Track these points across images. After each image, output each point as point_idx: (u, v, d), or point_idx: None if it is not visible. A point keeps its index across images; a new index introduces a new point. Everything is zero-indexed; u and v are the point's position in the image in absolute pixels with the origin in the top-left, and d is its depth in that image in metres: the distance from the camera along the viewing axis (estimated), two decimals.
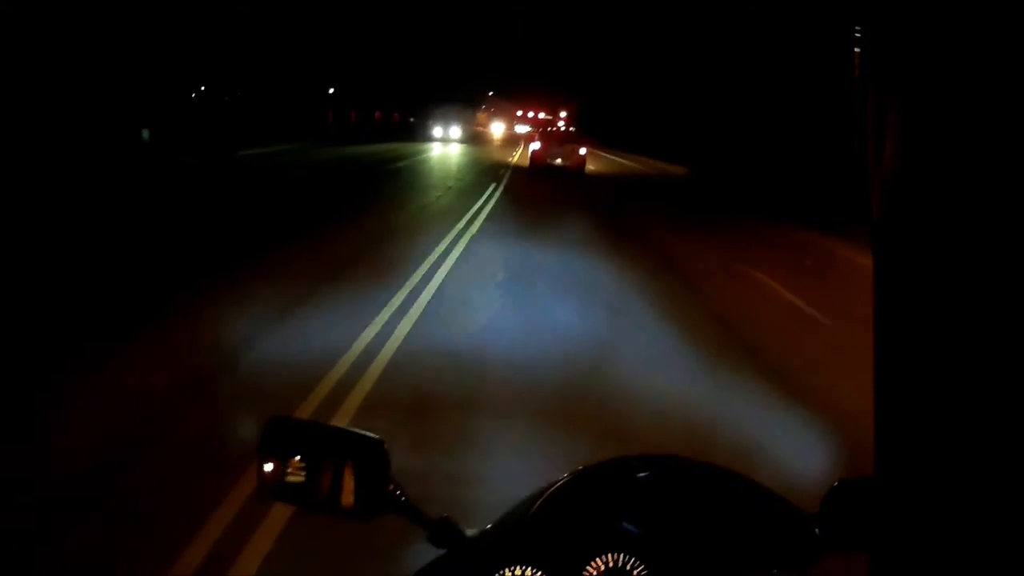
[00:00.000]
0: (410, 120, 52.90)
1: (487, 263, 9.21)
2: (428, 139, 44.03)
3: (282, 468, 1.13)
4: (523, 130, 63.02)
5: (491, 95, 78.10)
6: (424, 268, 8.51)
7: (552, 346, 5.89)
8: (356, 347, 5.55)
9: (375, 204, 14.81)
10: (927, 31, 0.56)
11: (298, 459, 1.12)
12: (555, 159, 23.03)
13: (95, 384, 4.62)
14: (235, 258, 8.67)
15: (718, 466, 1.19)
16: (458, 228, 11.57)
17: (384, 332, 5.98)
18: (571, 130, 30.36)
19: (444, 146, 40.73)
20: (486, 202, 15.45)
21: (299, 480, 1.12)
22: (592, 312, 7.17)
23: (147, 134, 24.25)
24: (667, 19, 43.28)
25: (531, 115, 73.86)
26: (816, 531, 1.08)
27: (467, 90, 65.23)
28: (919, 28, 0.56)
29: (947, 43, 0.54)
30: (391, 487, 1.11)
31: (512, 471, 3.59)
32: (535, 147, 23.93)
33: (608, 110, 58.08)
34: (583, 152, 23.97)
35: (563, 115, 72.71)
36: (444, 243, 10.18)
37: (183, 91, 33.29)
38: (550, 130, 28.89)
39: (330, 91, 52.78)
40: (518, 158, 30.70)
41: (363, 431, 1.12)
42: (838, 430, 4.38)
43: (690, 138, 34.26)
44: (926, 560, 0.58)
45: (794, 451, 4.00)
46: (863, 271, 3.49)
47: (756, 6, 28.36)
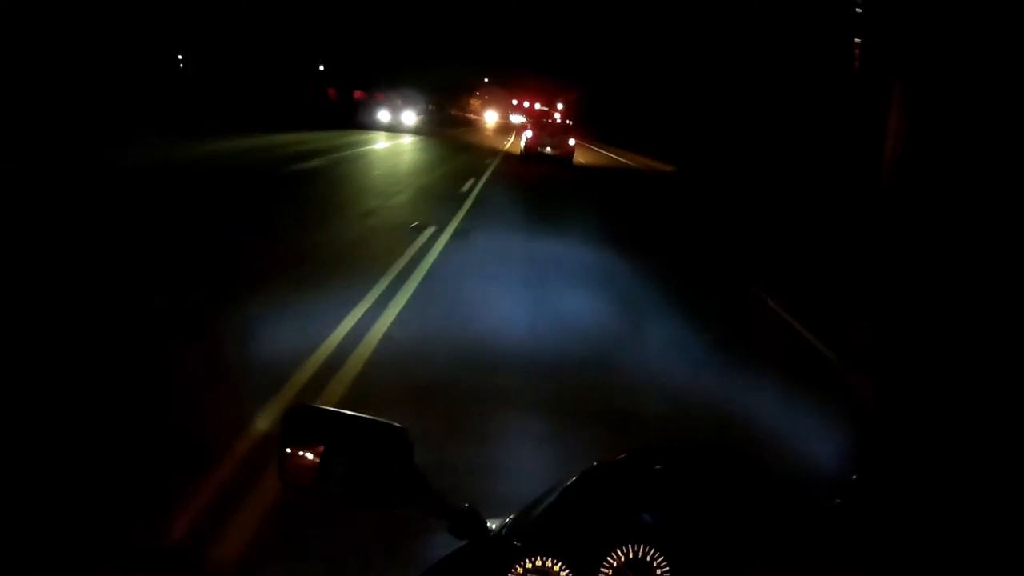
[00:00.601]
0: (370, 99, 45.27)
1: None
2: (378, 127, 33.07)
3: (303, 457, 1.14)
4: (518, 120, 61.28)
5: (486, 82, 75.88)
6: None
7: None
8: None
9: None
10: (928, 25, 0.32)
11: (320, 448, 1.15)
12: (546, 148, 24.69)
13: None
14: None
15: (735, 454, 1.29)
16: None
17: None
18: (562, 123, 31.27)
19: (391, 139, 27.51)
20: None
21: (319, 469, 1.13)
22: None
23: None
24: (670, 18, 42.26)
25: (527, 105, 72.06)
26: (831, 516, 1.18)
27: (457, 72, 63.39)
28: (920, 21, 0.33)
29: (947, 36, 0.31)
30: (413, 476, 1.13)
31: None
32: (528, 136, 25.73)
33: (609, 106, 57.11)
34: (572, 143, 25.94)
35: (560, 107, 71.14)
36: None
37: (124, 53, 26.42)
38: (546, 121, 30.30)
39: (320, 67, 50.93)
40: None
41: (385, 420, 1.14)
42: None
43: (688, 138, 35.10)
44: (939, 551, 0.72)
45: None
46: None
47: (757, 5, 28.52)
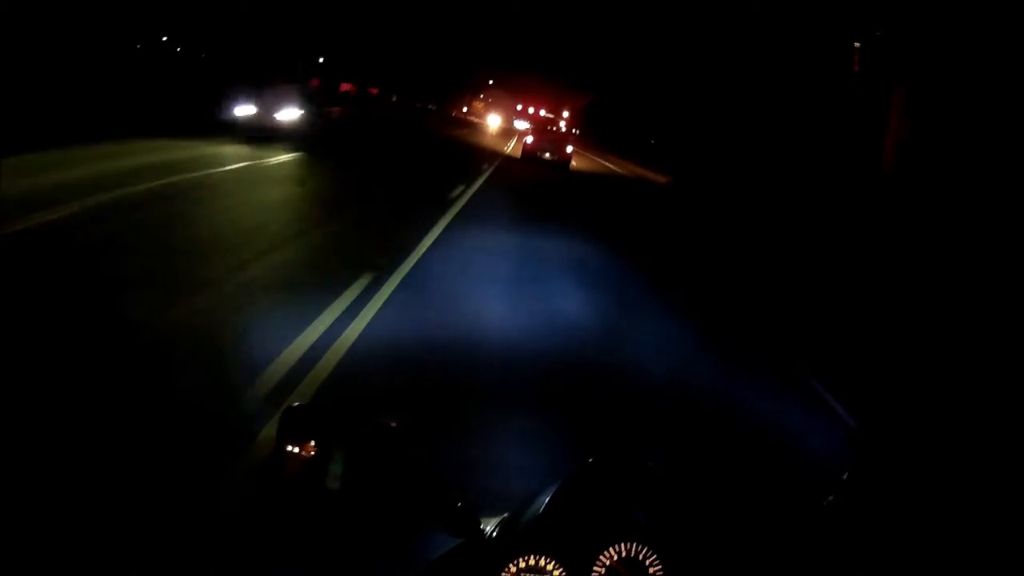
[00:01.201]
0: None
1: None
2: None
3: (299, 455, 1.17)
4: (522, 126, 60.13)
5: (491, 84, 74.60)
6: None
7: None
8: None
9: None
10: (929, 28, 0.33)
11: (312, 444, 1.18)
12: (544, 153, 26.00)
13: None
14: None
15: (728, 452, 1.61)
16: None
17: None
18: (563, 130, 31.41)
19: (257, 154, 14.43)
20: None
21: (314, 466, 1.16)
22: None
23: None
24: (673, 24, 41.56)
25: (531, 111, 70.90)
26: (824, 513, 1.21)
27: (459, 72, 62.47)
28: (921, 25, 0.33)
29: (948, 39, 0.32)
30: (408, 475, 1.17)
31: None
32: (529, 140, 27.18)
33: (614, 114, 56.06)
34: (570, 150, 27.30)
35: (565, 115, 69.98)
36: None
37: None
38: (548, 128, 31.34)
39: (320, 60, 50.07)
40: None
41: (382, 418, 1.20)
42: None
43: (689, 146, 35.04)
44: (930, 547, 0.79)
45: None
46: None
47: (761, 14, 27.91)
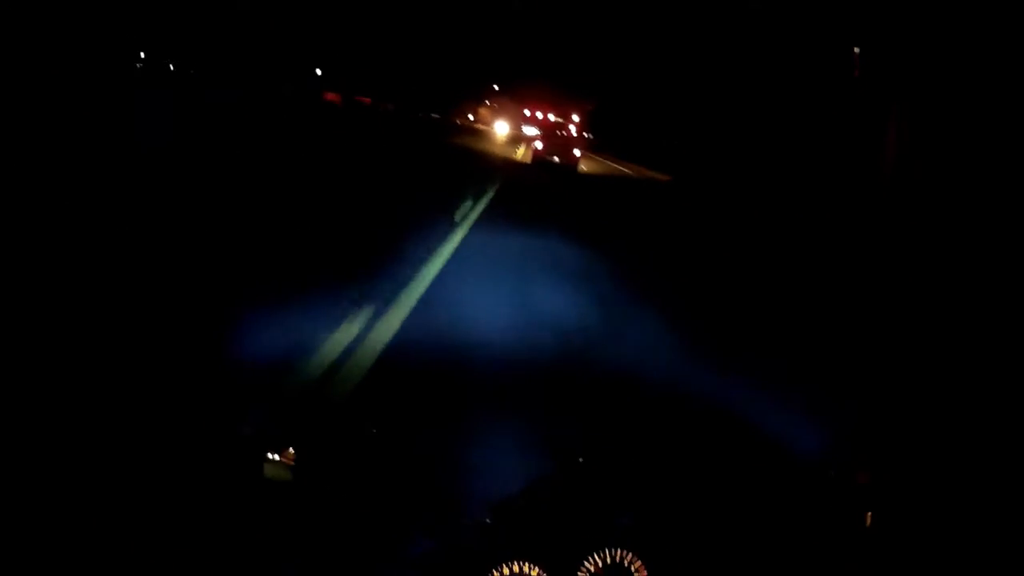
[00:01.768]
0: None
1: None
2: None
3: (278, 462, 1.17)
4: (531, 132, 57.93)
5: (496, 89, 71.65)
6: None
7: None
8: None
9: None
10: (926, 38, 0.52)
11: (292, 451, 1.18)
12: (553, 157, 26.79)
13: None
14: None
15: (714, 453, 1.48)
16: None
17: None
18: (571, 135, 32.89)
19: None
20: None
21: (294, 472, 1.16)
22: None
23: None
24: (677, 28, 41.30)
25: (540, 116, 68.73)
26: (814, 512, 1.18)
27: (464, 78, 60.52)
28: (918, 34, 0.51)
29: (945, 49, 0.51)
30: (389, 478, 1.16)
31: None
32: (538, 146, 28.10)
33: (621, 117, 54.81)
34: (578, 154, 28.41)
35: (575, 119, 67.98)
36: None
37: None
38: (558, 133, 32.30)
39: (317, 72, 48.87)
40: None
41: (362, 423, 1.27)
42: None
43: (693, 149, 36.62)
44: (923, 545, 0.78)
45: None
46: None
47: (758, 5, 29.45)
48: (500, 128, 62.55)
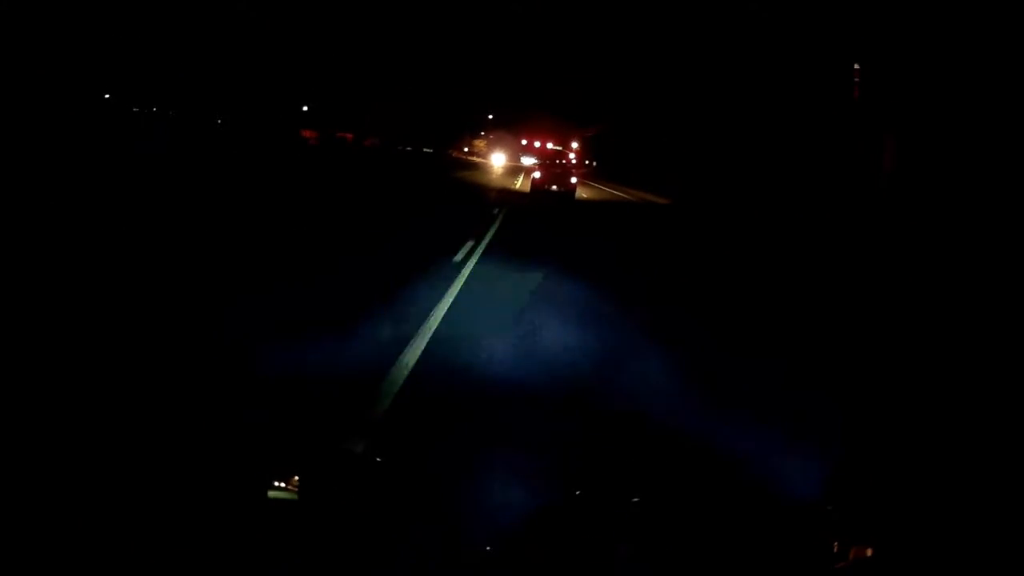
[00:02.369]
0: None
1: None
2: None
3: (284, 490, 1.19)
4: (529, 162, 55.87)
5: (491, 119, 69.06)
6: None
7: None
8: None
9: None
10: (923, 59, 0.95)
11: (296, 479, 1.21)
12: (551, 185, 28.22)
13: None
14: None
15: (715, 486, 1.44)
16: None
17: None
18: (569, 163, 33.74)
19: None
20: None
21: (298, 501, 1.20)
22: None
23: None
24: (675, 48, 41.16)
25: (538, 145, 66.45)
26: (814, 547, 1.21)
27: (458, 110, 58.53)
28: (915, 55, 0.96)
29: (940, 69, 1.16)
30: (391, 509, 1.18)
31: None
32: (536, 176, 29.69)
33: (621, 143, 53.29)
34: (574, 181, 30.02)
35: (575, 147, 65.95)
36: None
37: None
38: (556, 162, 33.27)
39: (304, 108, 46.93)
40: None
41: (367, 453, 1.36)
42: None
43: (692, 172, 37.31)
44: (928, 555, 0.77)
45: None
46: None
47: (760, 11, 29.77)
48: (496, 160, 60.57)
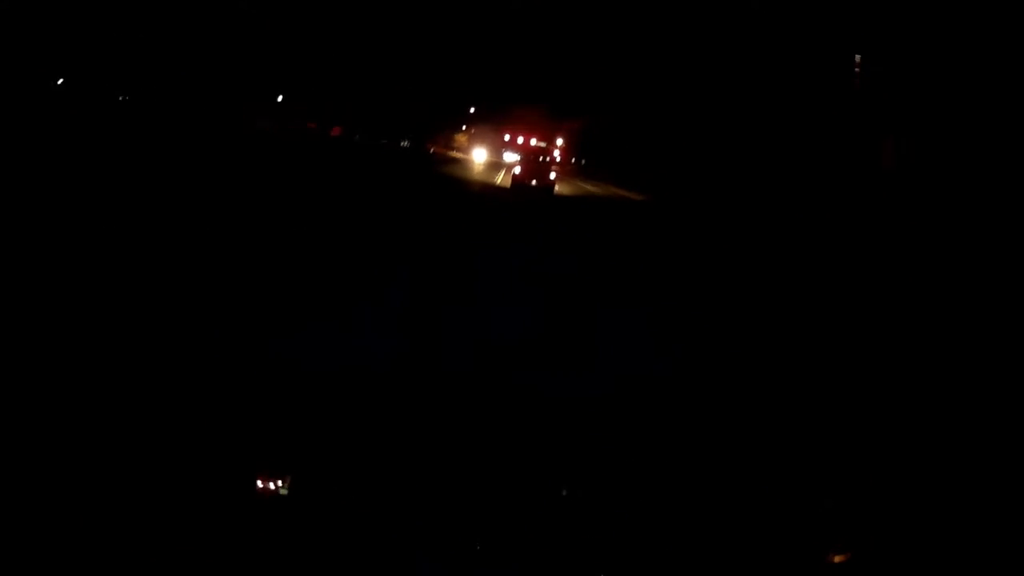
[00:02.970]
0: None
1: None
2: None
3: (275, 486, 1.27)
4: (511, 158, 54.63)
5: (472, 112, 67.43)
6: None
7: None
8: None
9: None
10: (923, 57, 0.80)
11: (288, 477, 1.29)
12: (531, 180, 29.82)
13: None
14: None
15: (698, 479, 1.53)
16: None
17: None
18: (549, 160, 34.14)
19: None
20: None
21: (289, 496, 1.30)
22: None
23: None
24: (668, 41, 42.50)
25: (521, 140, 65.17)
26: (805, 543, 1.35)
27: (440, 103, 57.38)
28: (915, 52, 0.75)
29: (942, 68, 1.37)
30: (380, 505, 1.25)
31: None
32: (517, 171, 30.99)
33: (608, 136, 54.17)
34: (553, 176, 31.21)
35: (559, 143, 64.80)
36: None
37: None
38: (538, 159, 33.71)
39: (279, 98, 45.63)
40: None
41: (356, 448, 1.39)
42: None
43: (675, 170, 38.34)
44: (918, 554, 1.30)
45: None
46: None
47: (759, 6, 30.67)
48: (478, 155, 59.34)
